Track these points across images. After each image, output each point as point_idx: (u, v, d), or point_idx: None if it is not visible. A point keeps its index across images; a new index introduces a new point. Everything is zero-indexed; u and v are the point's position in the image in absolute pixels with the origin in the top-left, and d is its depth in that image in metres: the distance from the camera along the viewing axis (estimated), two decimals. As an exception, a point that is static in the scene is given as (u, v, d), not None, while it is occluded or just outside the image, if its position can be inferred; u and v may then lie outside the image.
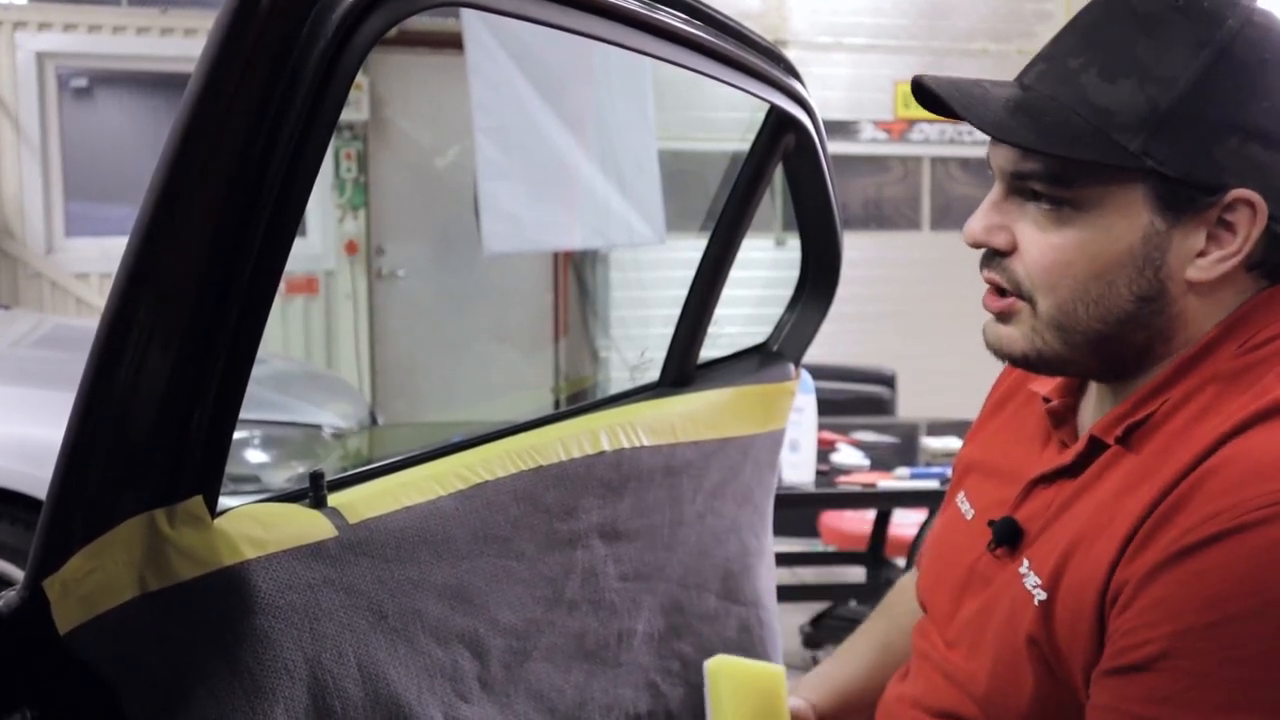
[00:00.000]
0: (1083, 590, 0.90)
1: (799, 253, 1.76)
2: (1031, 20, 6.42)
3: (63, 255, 5.73)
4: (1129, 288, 0.92)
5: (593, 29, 1.06)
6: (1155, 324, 0.94)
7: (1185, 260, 0.91)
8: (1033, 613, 0.94)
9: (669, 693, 1.53)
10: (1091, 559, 0.90)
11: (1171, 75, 0.88)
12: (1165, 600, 0.83)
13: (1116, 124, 0.89)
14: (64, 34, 5.63)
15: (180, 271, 0.77)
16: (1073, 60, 0.92)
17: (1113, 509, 0.90)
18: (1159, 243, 0.91)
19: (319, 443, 3.46)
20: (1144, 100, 0.88)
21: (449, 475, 1.17)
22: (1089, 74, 0.91)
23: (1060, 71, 0.93)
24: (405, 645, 1.08)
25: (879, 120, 6.23)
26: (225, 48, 0.75)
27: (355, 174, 5.89)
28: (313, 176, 0.81)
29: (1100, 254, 0.92)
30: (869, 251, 6.00)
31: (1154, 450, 0.91)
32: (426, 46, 5.83)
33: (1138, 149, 0.88)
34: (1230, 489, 0.83)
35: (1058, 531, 0.96)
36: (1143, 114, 0.88)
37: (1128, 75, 0.89)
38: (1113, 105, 0.89)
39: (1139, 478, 0.90)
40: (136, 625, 0.82)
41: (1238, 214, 0.90)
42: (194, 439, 0.82)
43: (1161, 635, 0.83)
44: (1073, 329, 0.94)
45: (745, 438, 1.64)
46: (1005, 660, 0.97)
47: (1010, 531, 1.01)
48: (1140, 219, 0.90)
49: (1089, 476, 0.96)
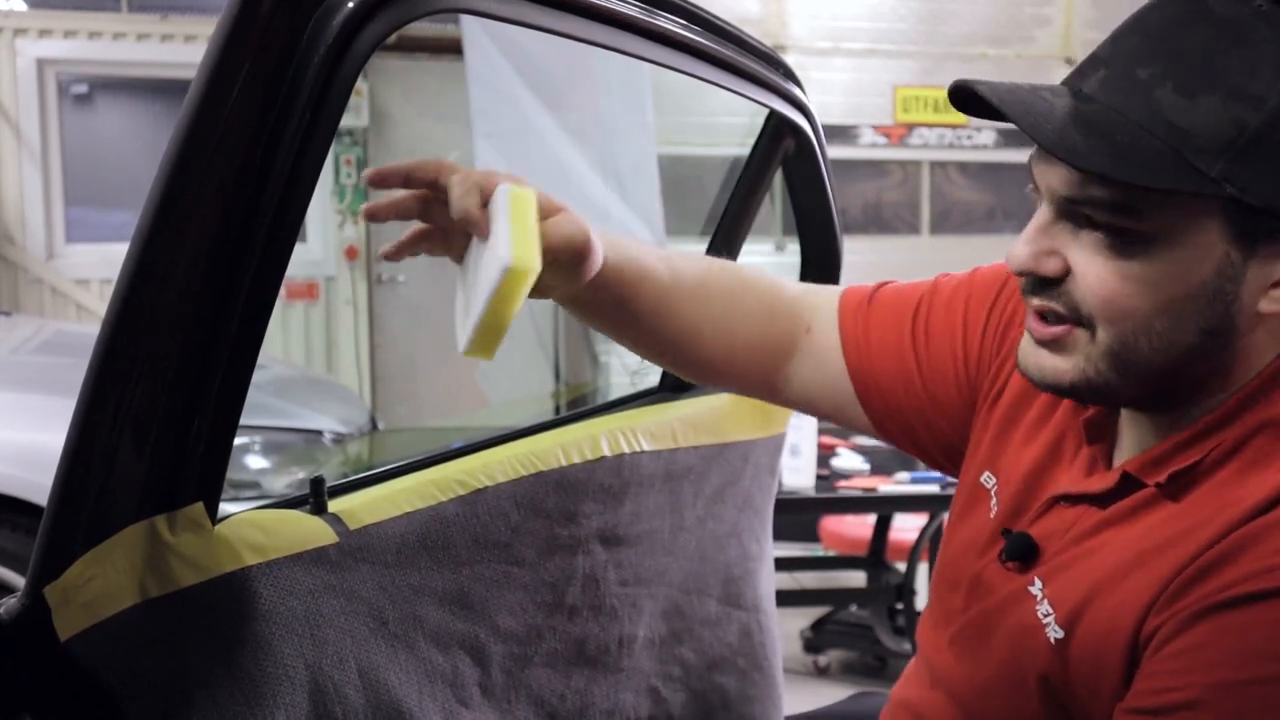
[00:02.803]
0: (1110, 632, 0.86)
1: (799, 257, 1.76)
2: (1030, 25, 6.42)
3: (63, 261, 5.73)
4: (1195, 321, 0.84)
5: (592, 35, 1.06)
6: (1219, 358, 0.87)
7: (1258, 293, 0.84)
8: (1047, 651, 0.91)
9: (670, 698, 1.53)
10: (1120, 601, 0.86)
11: (1260, 94, 0.80)
12: (1199, 648, 0.81)
13: (1195, 146, 0.80)
14: (64, 40, 5.64)
15: (181, 278, 0.77)
16: (1142, 70, 0.82)
17: (1147, 554, 0.86)
18: (1233, 275, 0.83)
19: (319, 448, 3.46)
20: (1228, 120, 0.80)
21: (449, 481, 1.17)
22: (1164, 88, 0.81)
23: (1127, 83, 0.83)
24: (406, 651, 1.08)
25: (878, 125, 6.23)
26: (225, 54, 0.75)
27: (355, 180, 5.89)
28: (313, 182, 0.81)
29: (1169, 288, 0.83)
30: (868, 255, 6.00)
31: (1198, 499, 0.87)
32: (426, 52, 5.83)
33: (1218, 174, 0.80)
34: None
35: (1079, 566, 0.92)
36: (1227, 136, 0.79)
37: (1209, 91, 0.80)
38: (1192, 125, 0.80)
39: (1180, 527, 0.86)
40: (137, 632, 0.82)
41: None
42: (195, 445, 0.82)
43: (1191, 684, 0.80)
44: (1131, 361, 0.86)
45: (745, 442, 1.64)
46: (1007, 686, 0.95)
47: (1024, 549, 0.97)
48: (1215, 251, 0.82)
49: (1119, 512, 0.91)
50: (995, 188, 6.51)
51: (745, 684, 1.65)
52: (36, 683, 0.82)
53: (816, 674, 3.75)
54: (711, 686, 1.60)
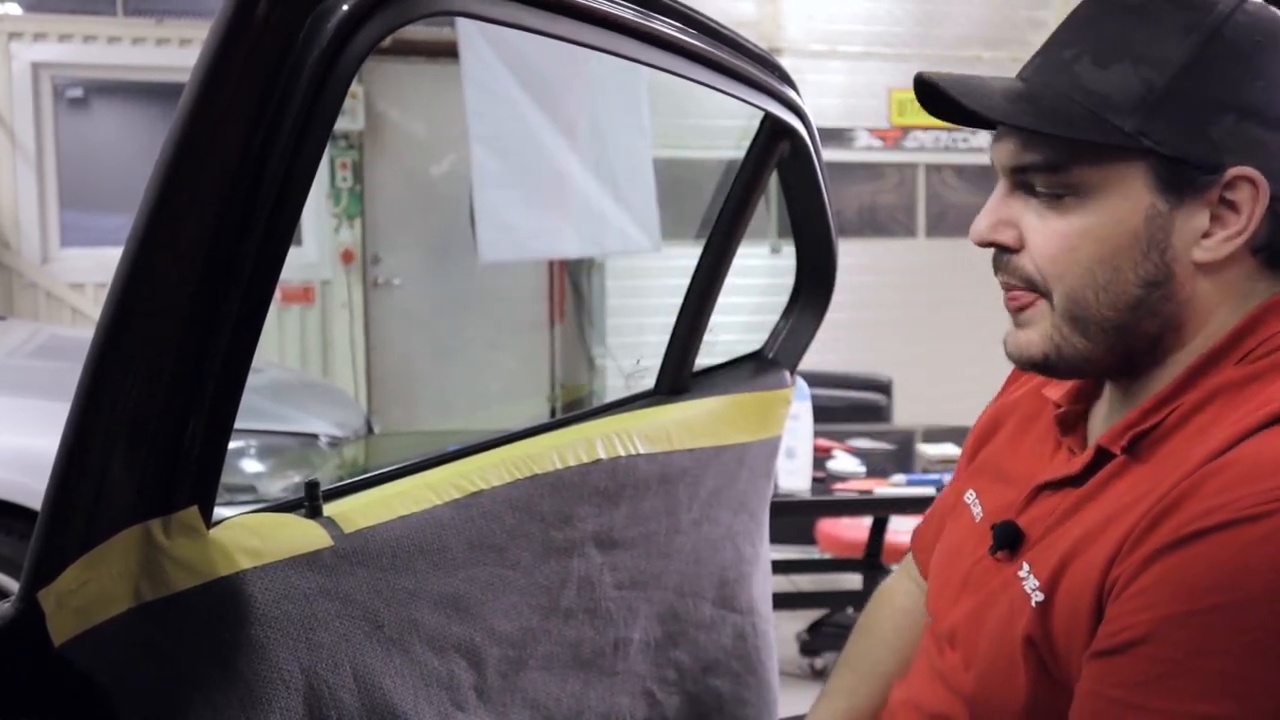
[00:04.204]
0: (1082, 589, 0.90)
1: (794, 260, 1.76)
2: (1025, 28, 6.43)
3: (58, 265, 5.73)
4: (1135, 272, 0.92)
5: (588, 38, 1.06)
6: (1165, 311, 0.94)
7: (1190, 242, 0.92)
8: (1030, 613, 0.94)
9: (665, 701, 1.53)
10: (1091, 559, 0.90)
11: (1164, 57, 0.90)
12: (1151, 588, 0.84)
13: (1111, 106, 0.90)
14: (59, 44, 5.63)
15: (176, 281, 0.77)
16: (1066, 51, 0.94)
17: (1115, 515, 0.91)
18: (1162, 224, 0.91)
19: (315, 452, 3.46)
20: (1138, 82, 0.90)
21: (445, 484, 1.17)
22: (1083, 62, 0.92)
23: (1055, 62, 0.95)
24: (401, 655, 1.08)
25: (874, 128, 6.23)
26: (220, 57, 0.75)
27: (351, 183, 5.89)
28: (308, 185, 0.81)
29: (1105, 238, 0.92)
30: (864, 258, 6.00)
31: (1160, 459, 0.91)
32: (422, 55, 5.83)
33: (1134, 129, 0.89)
34: (1229, 487, 0.83)
35: (1059, 536, 0.96)
36: (1137, 95, 0.89)
37: (1120, 60, 0.91)
38: (1107, 89, 0.90)
39: (1144, 485, 0.90)
40: (132, 636, 0.82)
41: (1240, 192, 0.90)
42: (189, 449, 0.82)
43: (1143, 621, 0.84)
44: (1086, 318, 0.94)
45: (741, 445, 1.64)
46: (999, 662, 0.98)
47: (1011, 536, 1.02)
48: (1142, 201, 0.91)
49: (1094, 485, 0.96)
50: (990, 190, 6.50)
51: (739, 687, 1.65)
52: (31, 687, 0.82)
53: (813, 676, 3.75)
54: (706, 690, 1.60)
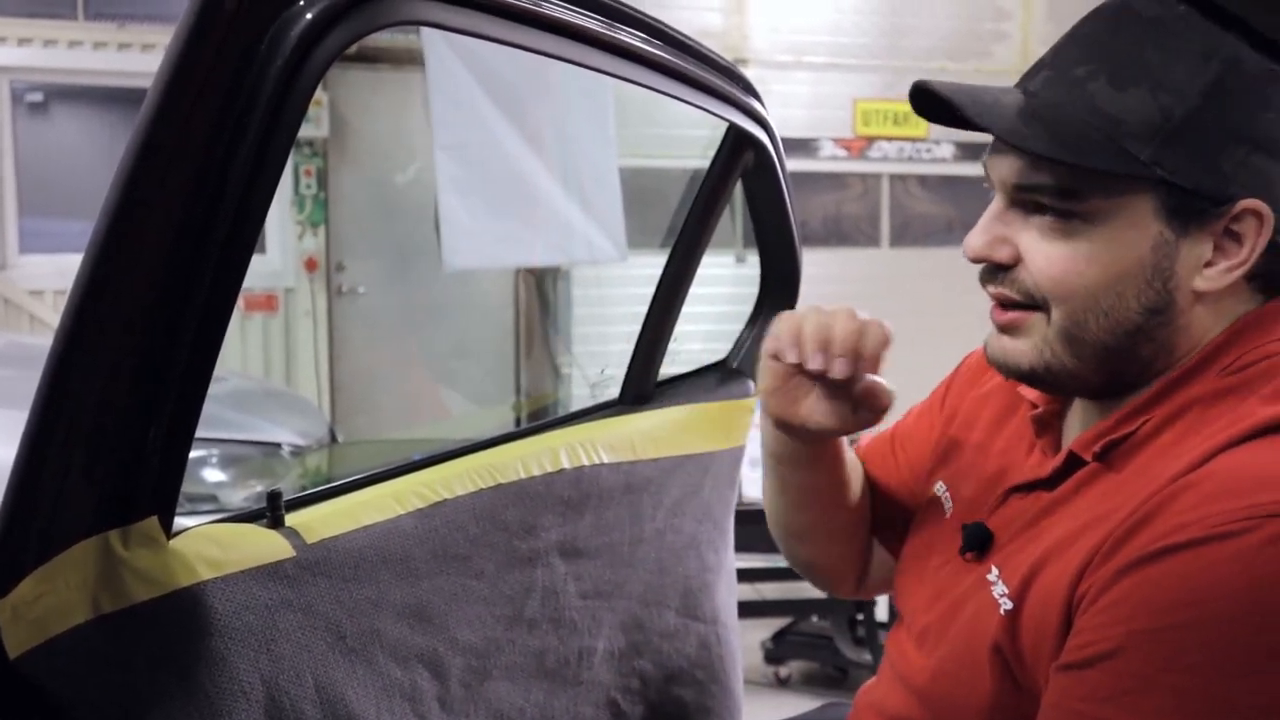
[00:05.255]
0: (1051, 600, 0.90)
1: (759, 269, 1.77)
2: (989, 40, 6.49)
3: (17, 272, 5.65)
4: (1138, 299, 0.91)
5: (553, 48, 1.06)
6: (1161, 336, 0.93)
7: (1193, 271, 0.91)
8: (998, 621, 0.94)
9: (629, 710, 1.52)
10: (1061, 570, 0.90)
11: (1182, 84, 0.88)
12: (1121, 602, 0.84)
13: (1127, 133, 0.88)
14: (19, 48, 5.57)
15: (136, 289, 0.77)
16: (1080, 68, 0.91)
17: (1087, 525, 0.90)
18: (1168, 252, 0.90)
19: (278, 461, 3.43)
20: (1155, 109, 0.88)
21: (408, 494, 1.17)
22: (1098, 81, 0.90)
23: (1067, 79, 0.91)
24: (364, 666, 1.07)
25: (838, 138, 6.27)
26: (183, 63, 0.75)
27: (315, 190, 5.86)
28: (271, 192, 0.81)
29: (1110, 265, 0.91)
30: (829, 268, 6.03)
31: (1133, 469, 0.91)
32: (387, 63, 5.81)
33: (1149, 158, 0.88)
34: (1203, 502, 0.83)
35: (1029, 542, 0.96)
36: (1155, 123, 0.88)
37: (1137, 84, 0.88)
38: (1124, 114, 0.88)
39: (1116, 495, 0.90)
40: (89, 648, 0.81)
41: (1245, 224, 0.90)
42: (149, 459, 0.81)
43: (1111, 636, 0.84)
44: (1083, 341, 0.93)
45: (705, 454, 1.64)
46: (964, 664, 0.98)
47: (980, 537, 1.02)
48: (1150, 229, 0.90)
49: (1065, 491, 0.96)
50: (954, 200, 6.56)
51: (703, 696, 1.65)
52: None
53: (778, 685, 3.76)
54: (670, 699, 1.60)
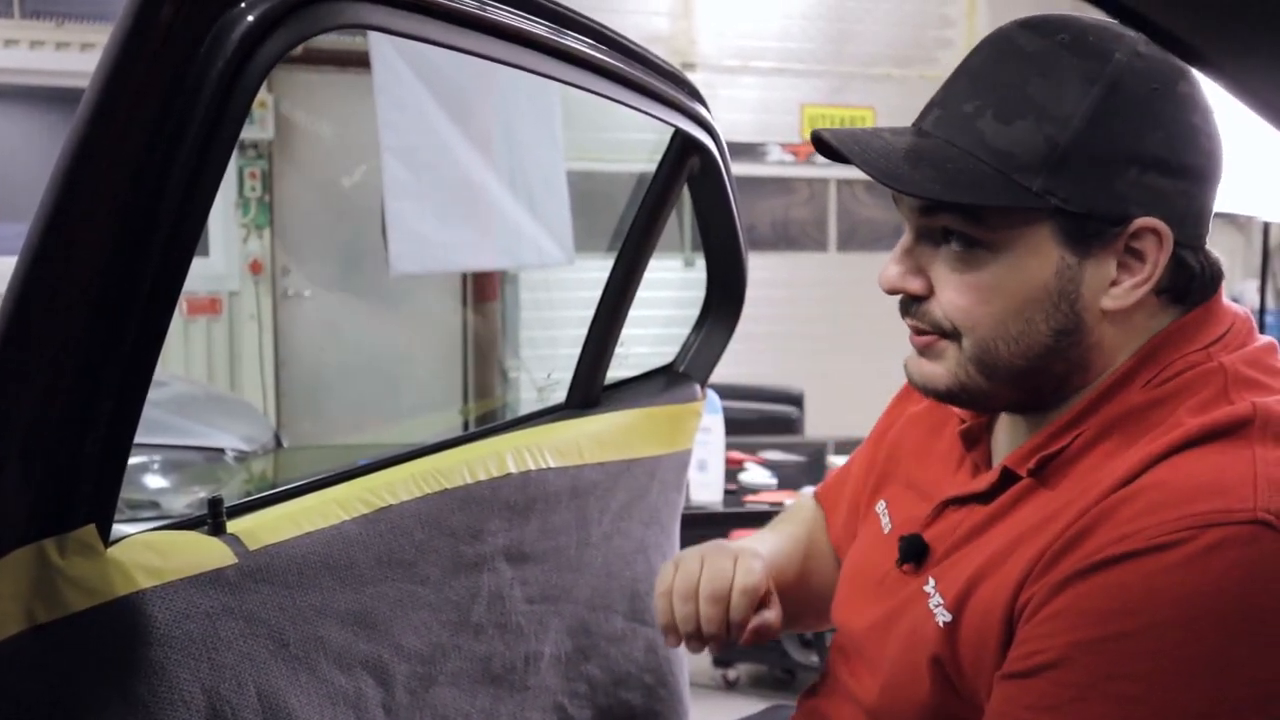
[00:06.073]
0: (990, 611, 0.91)
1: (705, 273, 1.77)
2: (933, 47, 6.55)
3: (-49, 274, 5.55)
4: (1046, 323, 0.93)
5: (499, 53, 1.06)
6: (1073, 355, 0.95)
7: (1099, 291, 0.93)
8: (936, 634, 0.95)
9: (577, 715, 1.52)
10: (1000, 582, 0.91)
11: (1066, 113, 0.89)
12: (1063, 612, 0.85)
13: (1017, 165, 0.89)
14: (-47, 47, 5.47)
15: (72, 292, 0.76)
16: (967, 104, 0.93)
17: (1023, 537, 0.92)
18: (1072, 276, 0.92)
19: (222, 467, 3.40)
20: (1042, 140, 0.89)
21: (352, 499, 1.16)
22: (985, 117, 0.91)
23: (956, 116, 0.93)
24: (307, 673, 1.06)
25: (785, 142, 6.30)
26: (121, 63, 0.74)
27: (260, 193, 5.80)
28: (211, 195, 0.80)
29: (1016, 292, 0.92)
30: (777, 272, 6.06)
31: (1068, 483, 0.93)
32: (333, 65, 5.76)
33: (1040, 189, 0.89)
34: (1141, 514, 0.84)
35: (966, 556, 0.97)
36: (1042, 154, 0.89)
37: (1023, 116, 0.90)
38: (1012, 147, 0.90)
39: (1051, 508, 0.92)
40: (25, 659, 0.80)
41: (1145, 242, 0.91)
42: (86, 466, 0.80)
43: (1055, 646, 0.85)
44: (995, 366, 0.95)
45: (652, 459, 1.64)
46: (903, 676, 0.99)
47: (916, 549, 1.03)
48: (1051, 255, 0.91)
49: (1000, 505, 0.97)
50: (899, 206, 6.61)
51: (651, 700, 1.65)
52: (-83, 713, 0.79)
53: (725, 688, 3.77)
54: (618, 703, 1.60)
